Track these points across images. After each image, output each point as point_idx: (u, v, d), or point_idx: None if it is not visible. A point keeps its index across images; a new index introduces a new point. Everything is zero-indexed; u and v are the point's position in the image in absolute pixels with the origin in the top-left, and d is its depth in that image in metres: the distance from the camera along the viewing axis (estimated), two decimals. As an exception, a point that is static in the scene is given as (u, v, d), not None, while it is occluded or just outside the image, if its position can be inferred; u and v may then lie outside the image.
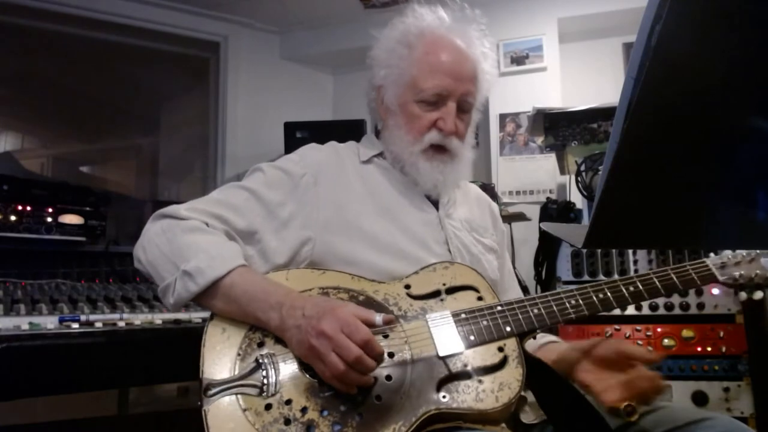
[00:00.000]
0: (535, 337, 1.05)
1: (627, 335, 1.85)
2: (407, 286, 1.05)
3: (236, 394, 0.88)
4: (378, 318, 0.92)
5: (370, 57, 1.29)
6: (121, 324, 1.34)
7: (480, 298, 1.04)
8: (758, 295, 1.06)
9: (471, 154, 1.27)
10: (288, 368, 0.91)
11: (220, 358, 0.93)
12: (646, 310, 1.90)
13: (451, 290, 1.05)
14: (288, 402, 0.88)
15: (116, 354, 1.26)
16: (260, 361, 0.92)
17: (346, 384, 0.87)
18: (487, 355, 0.95)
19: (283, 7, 3.18)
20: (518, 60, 3.05)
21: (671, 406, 1.12)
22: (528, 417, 1.11)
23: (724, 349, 1.78)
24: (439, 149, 1.21)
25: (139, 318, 1.40)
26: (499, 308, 1.00)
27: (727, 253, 1.11)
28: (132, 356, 1.29)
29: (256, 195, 1.12)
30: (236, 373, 0.91)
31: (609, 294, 1.02)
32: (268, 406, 0.87)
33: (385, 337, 0.96)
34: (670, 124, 0.56)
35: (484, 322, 0.98)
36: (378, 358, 0.87)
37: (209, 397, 0.88)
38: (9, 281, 1.69)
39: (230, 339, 0.95)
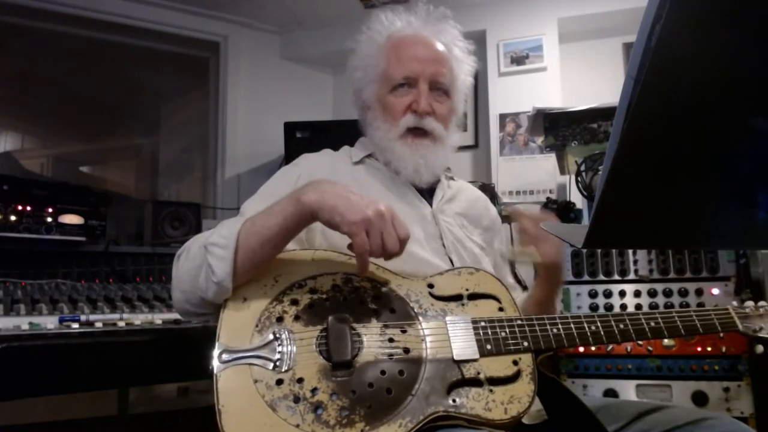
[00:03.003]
0: (551, 357, 1.05)
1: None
2: (430, 285, 1.05)
3: (249, 364, 0.89)
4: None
5: (348, 67, 1.36)
6: (121, 324, 1.35)
7: (501, 309, 1.04)
8: None
9: (455, 140, 1.31)
10: (304, 347, 0.92)
11: (238, 326, 0.93)
12: (646, 310, 1.89)
13: (473, 296, 1.05)
14: (300, 380, 0.88)
15: (116, 354, 1.26)
16: (277, 335, 0.92)
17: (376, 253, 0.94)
18: (501, 366, 0.96)
19: (283, 7, 3.18)
20: (518, 60, 3.05)
21: (671, 406, 1.12)
22: (528, 418, 1.11)
23: (724, 349, 1.78)
24: (417, 133, 1.24)
25: (139, 318, 1.40)
26: (518, 322, 1.01)
27: (751, 303, 1.11)
28: (132, 356, 1.29)
29: (257, 205, 1.12)
30: (252, 343, 0.91)
31: (630, 326, 1.04)
32: (279, 381, 0.88)
33: (403, 332, 0.96)
34: (670, 124, 0.56)
35: (503, 334, 0.99)
36: (400, 252, 0.96)
37: (222, 362, 0.89)
38: (9, 281, 1.69)
39: (250, 309, 0.96)
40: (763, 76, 0.54)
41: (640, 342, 1.79)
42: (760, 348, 1.08)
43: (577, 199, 2.34)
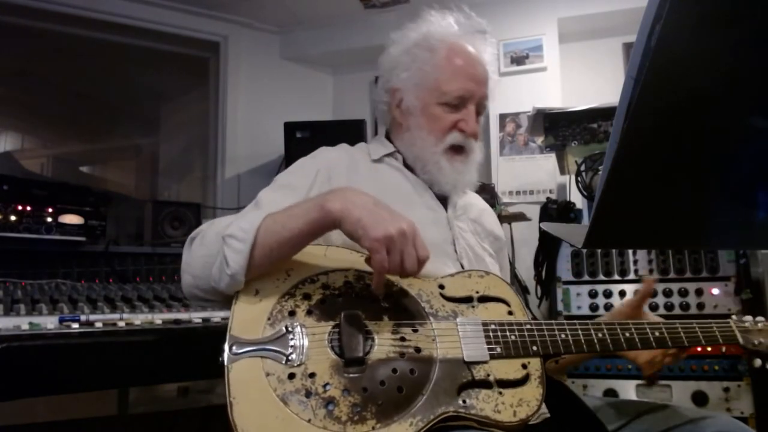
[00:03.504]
0: (557, 361, 1.06)
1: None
2: (441, 286, 1.06)
3: (261, 357, 0.89)
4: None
5: (385, 60, 1.31)
6: (121, 324, 1.34)
7: (510, 313, 1.05)
8: None
9: (481, 155, 1.32)
10: (316, 342, 0.92)
11: (250, 318, 0.93)
12: (646, 310, 1.89)
13: (483, 299, 1.06)
14: (312, 375, 0.88)
15: (116, 354, 1.26)
16: (290, 329, 0.92)
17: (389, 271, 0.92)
18: (510, 369, 0.96)
19: (283, 7, 3.18)
20: (518, 60, 3.05)
21: (671, 406, 1.13)
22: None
23: (724, 349, 1.77)
24: (457, 150, 1.24)
25: (139, 318, 1.40)
26: (528, 326, 1.01)
27: (750, 318, 1.13)
28: (132, 356, 1.28)
29: (275, 196, 1.12)
30: (264, 336, 0.91)
31: (635, 335, 1.04)
32: (291, 376, 0.88)
33: (415, 331, 0.97)
34: (670, 124, 0.56)
35: (512, 337, 0.99)
36: (417, 273, 0.95)
37: (234, 354, 0.88)
38: (9, 281, 1.69)
39: (262, 302, 0.95)
40: (762, 76, 0.54)
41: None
42: (758, 362, 1.09)
43: (577, 199, 2.34)
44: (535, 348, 0.99)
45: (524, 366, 0.97)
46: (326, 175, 1.18)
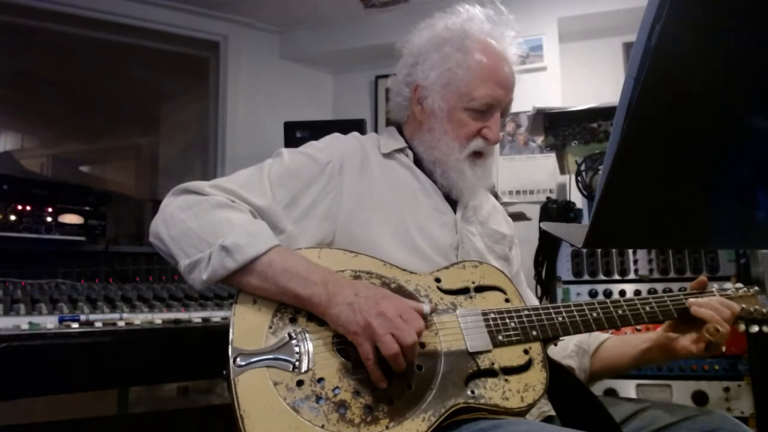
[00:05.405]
0: (556, 344, 1.06)
1: (626, 334, 1.85)
2: (437, 280, 1.06)
3: (267, 367, 0.88)
4: (426, 307, 0.95)
5: (408, 49, 1.26)
6: (121, 324, 1.34)
7: (507, 300, 1.06)
8: (754, 329, 1.12)
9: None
10: (321, 347, 0.92)
11: (251, 328, 0.93)
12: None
13: (479, 289, 1.07)
14: (320, 380, 0.88)
15: (116, 354, 1.26)
16: (293, 336, 0.92)
17: (396, 365, 0.88)
18: (513, 355, 0.98)
19: (283, 6, 3.18)
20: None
21: (669, 403, 1.14)
22: (529, 417, 1.12)
23: (724, 349, 1.77)
24: (477, 154, 1.22)
25: (139, 318, 1.40)
26: (525, 312, 1.03)
27: (730, 285, 1.16)
28: (132, 356, 1.28)
29: (281, 181, 1.11)
30: (268, 345, 0.91)
31: (627, 311, 1.07)
32: (300, 383, 0.87)
33: None
34: (670, 124, 0.56)
35: (512, 324, 1.00)
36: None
37: (238, 366, 0.87)
38: (9, 281, 1.69)
39: (261, 311, 0.95)
40: (762, 76, 0.54)
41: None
42: (755, 328, 1.11)
43: (577, 198, 2.34)
44: (534, 333, 1.00)
45: (526, 351, 0.98)
46: (338, 167, 1.15)
